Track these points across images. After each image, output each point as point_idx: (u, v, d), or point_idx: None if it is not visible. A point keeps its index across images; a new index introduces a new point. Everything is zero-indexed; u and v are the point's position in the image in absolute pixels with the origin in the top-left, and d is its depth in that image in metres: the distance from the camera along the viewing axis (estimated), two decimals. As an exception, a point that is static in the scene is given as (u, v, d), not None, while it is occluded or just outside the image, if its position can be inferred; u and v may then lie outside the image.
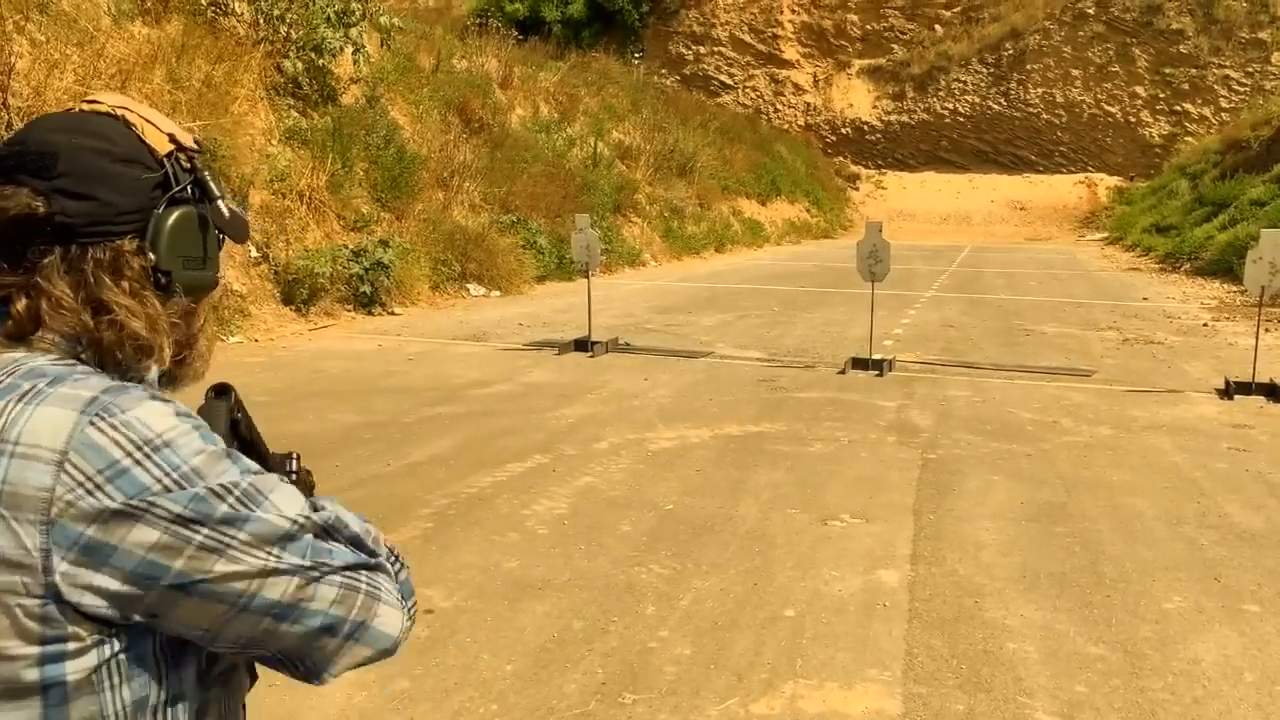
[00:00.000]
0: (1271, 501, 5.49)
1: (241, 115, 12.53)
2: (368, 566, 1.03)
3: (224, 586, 0.94)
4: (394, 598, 1.05)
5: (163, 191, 1.05)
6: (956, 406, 7.86)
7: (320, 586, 0.98)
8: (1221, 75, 39.21)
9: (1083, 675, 3.47)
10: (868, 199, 42.53)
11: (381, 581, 1.04)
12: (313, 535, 0.99)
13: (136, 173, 1.03)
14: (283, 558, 0.96)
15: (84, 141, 1.02)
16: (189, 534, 0.92)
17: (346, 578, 1.01)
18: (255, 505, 0.95)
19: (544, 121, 22.61)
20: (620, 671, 3.46)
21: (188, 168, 1.08)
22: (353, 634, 1.02)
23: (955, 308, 14.74)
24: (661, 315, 13.34)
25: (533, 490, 5.55)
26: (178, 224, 1.05)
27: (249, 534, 0.94)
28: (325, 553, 1.00)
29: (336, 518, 1.03)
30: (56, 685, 0.92)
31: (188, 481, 0.93)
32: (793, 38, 44.81)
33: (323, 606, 0.99)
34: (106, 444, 0.92)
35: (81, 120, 1.05)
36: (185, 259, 1.06)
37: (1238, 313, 13.84)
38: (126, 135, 1.05)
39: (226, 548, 0.93)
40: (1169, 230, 25.62)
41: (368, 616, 1.02)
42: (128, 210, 1.02)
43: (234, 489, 0.95)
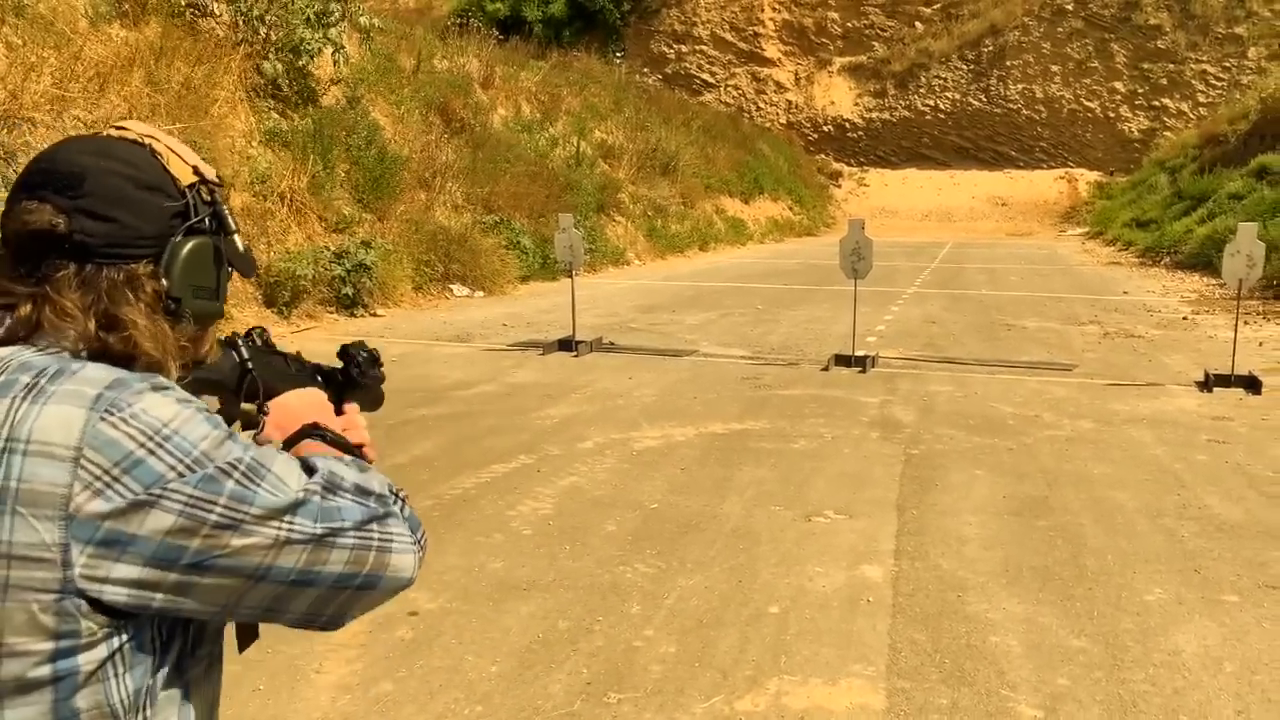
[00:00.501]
0: (1250, 493, 5.54)
1: (221, 117, 12.48)
2: (377, 517, 1.06)
3: (241, 560, 0.97)
4: (405, 540, 1.08)
5: (182, 221, 1.09)
6: (939, 402, 7.90)
7: (334, 550, 1.02)
8: (1199, 70, 39.50)
9: (1065, 668, 3.49)
10: (850, 196, 42.66)
11: (392, 528, 1.07)
12: (319, 497, 1.02)
13: (158, 200, 1.07)
14: (294, 525, 0.99)
15: (111, 165, 1.05)
16: (203, 514, 0.95)
17: (358, 537, 1.03)
18: (260, 479, 0.99)
19: (526, 121, 22.59)
20: (605, 671, 3.47)
21: (208, 200, 1.12)
22: (368, 585, 1.05)
23: (937, 304, 14.80)
24: (646, 314, 13.35)
25: (517, 491, 5.55)
26: (193, 254, 1.09)
27: (260, 506, 0.98)
28: (334, 513, 1.02)
29: (330, 472, 1.05)
30: (68, 677, 0.94)
31: (199, 465, 0.96)
32: (774, 36, 44.89)
33: (337, 568, 1.02)
34: (120, 437, 0.94)
35: (110, 145, 1.09)
36: (196, 288, 1.10)
37: (1217, 306, 13.95)
38: (152, 164, 1.09)
39: (240, 522, 0.97)
40: (1149, 225, 25.80)
41: (381, 568, 1.06)
42: (146, 236, 1.06)
43: (239, 465, 0.98)
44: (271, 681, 3.38)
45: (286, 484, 1.00)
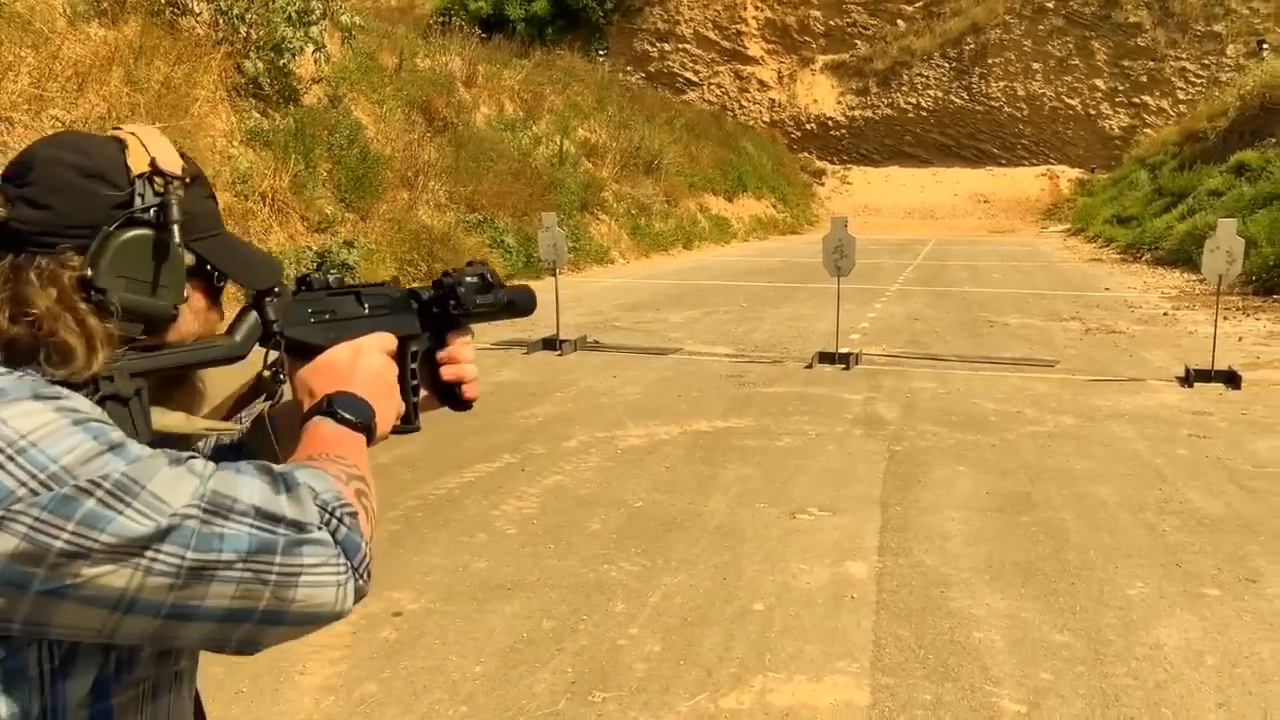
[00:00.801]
0: (1231, 487, 5.57)
1: (202, 117, 12.41)
2: (274, 547, 0.91)
3: (98, 590, 0.86)
4: (324, 571, 0.94)
5: (123, 210, 1.03)
6: (922, 398, 7.92)
7: (213, 584, 0.89)
8: (1179, 68, 39.77)
9: (1048, 663, 3.51)
10: (833, 194, 42.77)
11: (304, 558, 0.92)
12: (199, 522, 0.89)
13: (98, 188, 1.02)
14: (159, 555, 0.87)
15: (59, 154, 1.02)
16: (48, 539, 0.84)
17: (246, 569, 0.90)
18: (129, 499, 0.87)
19: (509, 120, 22.55)
20: (590, 670, 3.46)
21: (159, 192, 1.05)
22: (269, 620, 0.93)
23: (920, 301, 14.85)
24: (630, 313, 13.34)
25: (501, 490, 5.54)
26: (126, 244, 1.02)
27: (114, 534, 0.85)
28: (214, 541, 0.89)
29: (216, 493, 0.91)
30: None
31: (55, 482, 0.85)
32: (757, 34, 44.94)
33: (221, 602, 0.90)
34: None
35: (76, 138, 1.06)
36: (129, 280, 1.02)
37: (1198, 301, 14.04)
38: (110, 154, 1.04)
39: (90, 551, 0.85)
40: (1130, 221, 25.95)
41: (283, 605, 0.92)
42: (78, 224, 1.00)
43: (103, 483, 0.86)
44: (254, 684, 3.36)
45: (163, 503, 0.88)
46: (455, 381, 1.32)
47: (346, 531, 0.97)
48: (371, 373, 1.16)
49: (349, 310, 1.20)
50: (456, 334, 1.33)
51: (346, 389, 1.13)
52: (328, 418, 1.10)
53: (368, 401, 1.13)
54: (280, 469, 0.97)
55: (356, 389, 1.13)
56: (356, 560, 0.97)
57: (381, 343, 1.20)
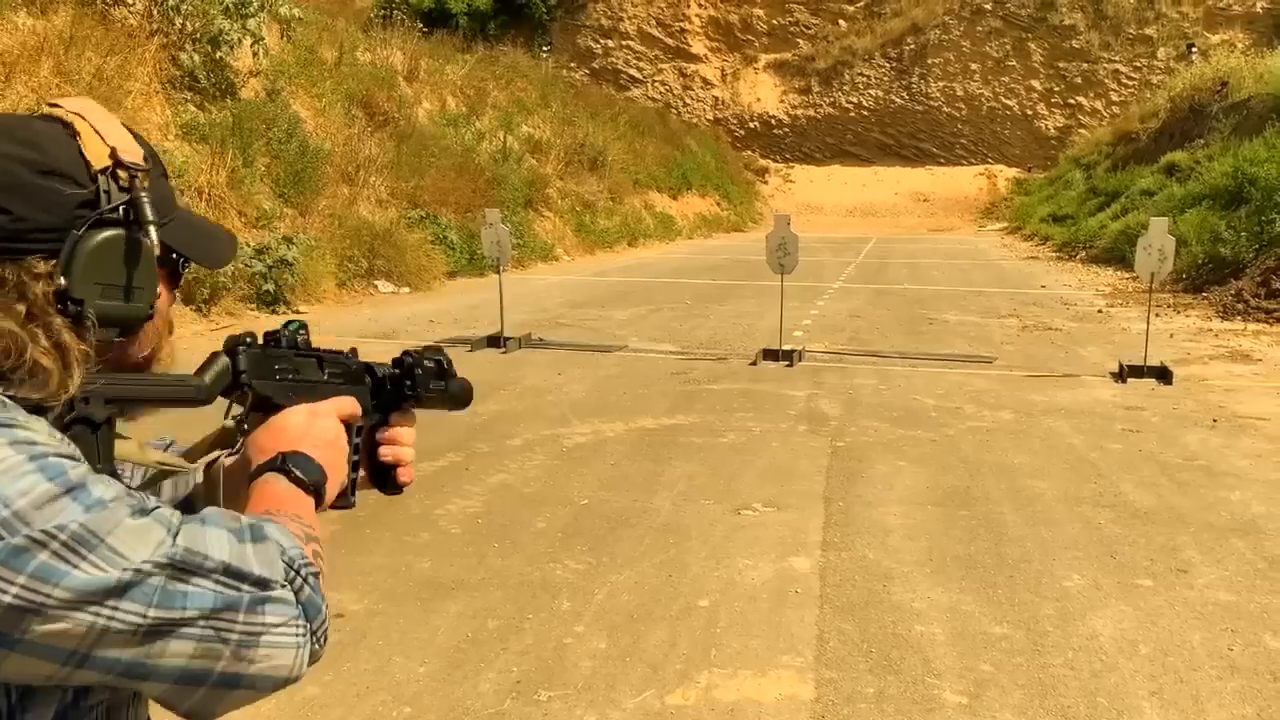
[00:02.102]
0: (1163, 480, 5.71)
1: (136, 110, 12.13)
2: (240, 605, 0.86)
3: (49, 646, 0.80)
4: (285, 631, 0.89)
5: (90, 210, 0.95)
6: (864, 395, 8.01)
7: (171, 641, 0.84)
8: (1112, 70, 40.71)
9: (988, 654, 3.57)
10: (777, 192, 43.11)
11: (267, 617, 0.88)
12: (164, 578, 0.84)
13: (59, 187, 0.93)
14: (116, 613, 0.81)
15: (8, 149, 0.92)
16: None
17: (207, 627, 0.85)
18: (86, 551, 0.80)
19: (452, 115, 22.38)
20: (535, 668, 3.45)
21: (125, 187, 0.97)
22: (226, 683, 0.88)
23: (862, 298, 15.01)
24: (575, 310, 13.31)
25: (445, 489, 5.49)
26: (99, 248, 0.95)
27: (68, 589, 0.79)
28: (178, 599, 0.84)
29: (186, 549, 0.85)
30: None
31: (7, 529, 0.79)
32: (700, 32, 45.12)
33: (178, 662, 0.85)
34: None
35: (19, 126, 0.96)
36: (104, 286, 0.95)
37: (1131, 299, 14.38)
38: (63, 145, 0.95)
39: (43, 607, 0.79)
40: (1065, 220, 26.53)
41: (241, 666, 0.87)
42: (43, 228, 0.92)
43: (59, 534, 0.80)
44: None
45: (122, 557, 0.82)
46: (393, 464, 1.28)
47: (310, 592, 0.93)
48: (325, 439, 1.12)
49: (310, 374, 1.17)
50: (401, 416, 1.30)
51: (300, 449, 1.08)
52: (281, 475, 1.05)
53: (320, 465, 1.08)
54: (249, 520, 0.93)
55: (310, 451, 1.09)
56: (316, 624, 0.93)
57: (339, 408, 1.16)
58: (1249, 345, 10.36)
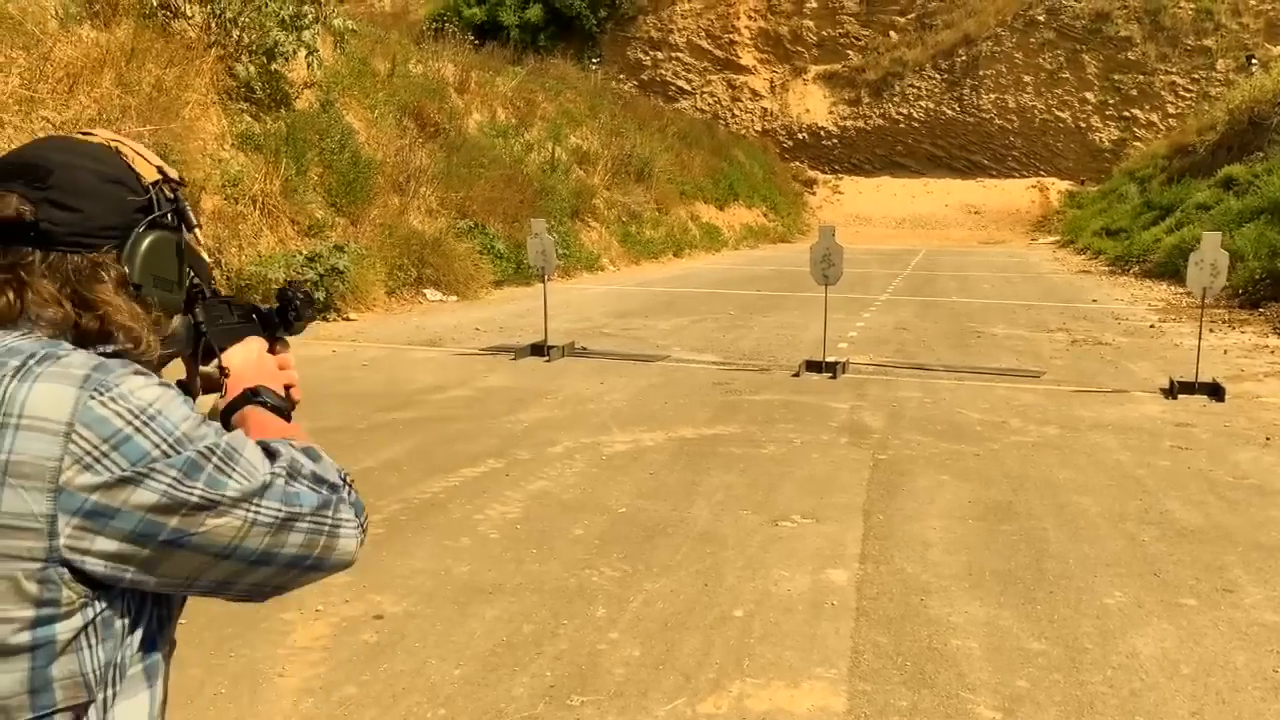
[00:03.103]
0: (1211, 498, 5.61)
1: (193, 120, 12.41)
2: (329, 505, 1.12)
3: (212, 539, 1.03)
4: (351, 525, 1.15)
5: (144, 214, 1.15)
6: (908, 408, 7.96)
7: (292, 533, 1.08)
8: (1168, 81, 40.01)
9: (1024, 670, 3.53)
10: (825, 204, 42.90)
11: (342, 513, 1.14)
12: (284, 480, 1.09)
13: (122, 193, 1.13)
14: (261, 509, 1.06)
15: (77, 160, 1.12)
16: (185, 494, 1.01)
17: (313, 521, 1.10)
18: (235, 463, 1.05)
19: (501, 126, 22.58)
20: (569, 674, 3.47)
21: (171, 197, 1.19)
22: (315, 566, 1.13)
23: (909, 310, 14.90)
24: (618, 320, 13.36)
25: (486, 495, 5.55)
26: (154, 245, 1.15)
27: (235, 490, 1.04)
28: (295, 498, 1.09)
29: (293, 459, 1.12)
30: (46, 645, 0.98)
31: (180, 446, 1.02)
32: (749, 44, 45.10)
33: (293, 550, 1.09)
34: (109, 415, 0.99)
35: (77, 143, 1.15)
36: (156, 278, 1.15)
37: (1184, 314, 14.12)
38: (117, 160, 1.15)
39: (217, 503, 1.02)
40: (1118, 233, 26.10)
41: (327, 552, 1.12)
42: (109, 225, 1.11)
43: (216, 449, 1.04)
44: (233, 685, 3.37)
45: (256, 467, 1.06)
46: (288, 385, 1.43)
47: (356, 495, 1.19)
48: (268, 371, 1.37)
49: (228, 318, 1.38)
50: (282, 344, 1.48)
51: (259, 383, 1.32)
52: (259, 406, 1.29)
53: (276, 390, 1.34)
54: (301, 445, 1.17)
55: (263, 382, 1.33)
56: (364, 519, 1.18)
57: (261, 345, 1.41)
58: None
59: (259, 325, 1.44)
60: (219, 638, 3.67)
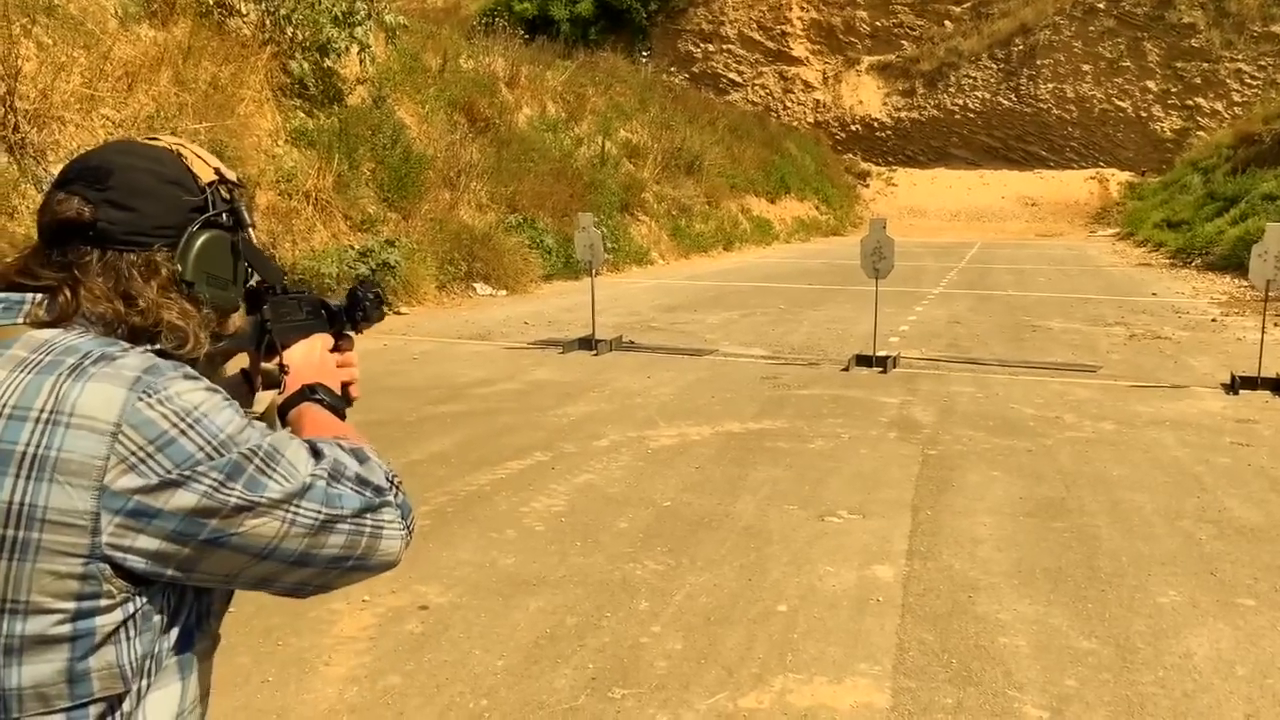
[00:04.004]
0: (1272, 496, 5.46)
1: (248, 116, 12.61)
2: (372, 507, 1.14)
3: (251, 540, 1.06)
4: (395, 527, 1.17)
5: (200, 214, 1.18)
6: (959, 403, 7.85)
7: (332, 534, 1.10)
8: (1234, 69, 38.98)
9: (1073, 669, 3.47)
10: (878, 196, 42.45)
11: (385, 516, 1.16)
12: (325, 483, 1.11)
13: (177, 193, 1.17)
14: (301, 510, 1.08)
15: (135, 161, 1.16)
16: (225, 496, 1.03)
17: (354, 524, 1.12)
18: (276, 465, 1.07)
19: (551, 121, 22.64)
20: (611, 666, 3.48)
21: (227, 198, 1.22)
22: (358, 567, 1.15)
23: (963, 304, 14.70)
24: (667, 314, 13.35)
25: (532, 488, 5.57)
26: (207, 244, 1.18)
27: (274, 492, 1.06)
28: (337, 499, 1.11)
29: (336, 461, 1.14)
30: (85, 637, 1.01)
31: (225, 449, 1.04)
32: (802, 35, 44.74)
33: (333, 551, 1.11)
34: (156, 417, 1.02)
35: (139, 146, 1.20)
36: (210, 276, 1.18)
37: (1247, 307, 13.76)
38: (176, 162, 1.19)
39: (256, 505, 1.05)
40: (1180, 225, 25.49)
41: (369, 553, 1.15)
42: (164, 225, 1.15)
43: (258, 451, 1.06)
44: (280, 673, 3.42)
45: (297, 469, 1.08)
46: (346, 382, 1.45)
47: (403, 497, 1.21)
48: (328, 369, 1.39)
49: (297, 314, 1.41)
50: (346, 340, 1.50)
51: (316, 380, 1.35)
52: (315, 404, 1.31)
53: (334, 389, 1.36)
54: (349, 445, 1.19)
55: (322, 379, 1.36)
56: (409, 520, 1.20)
57: (326, 342, 1.43)
58: (1375, 357, 9.81)
59: (326, 321, 1.46)
60: (267, 626, 3.72)
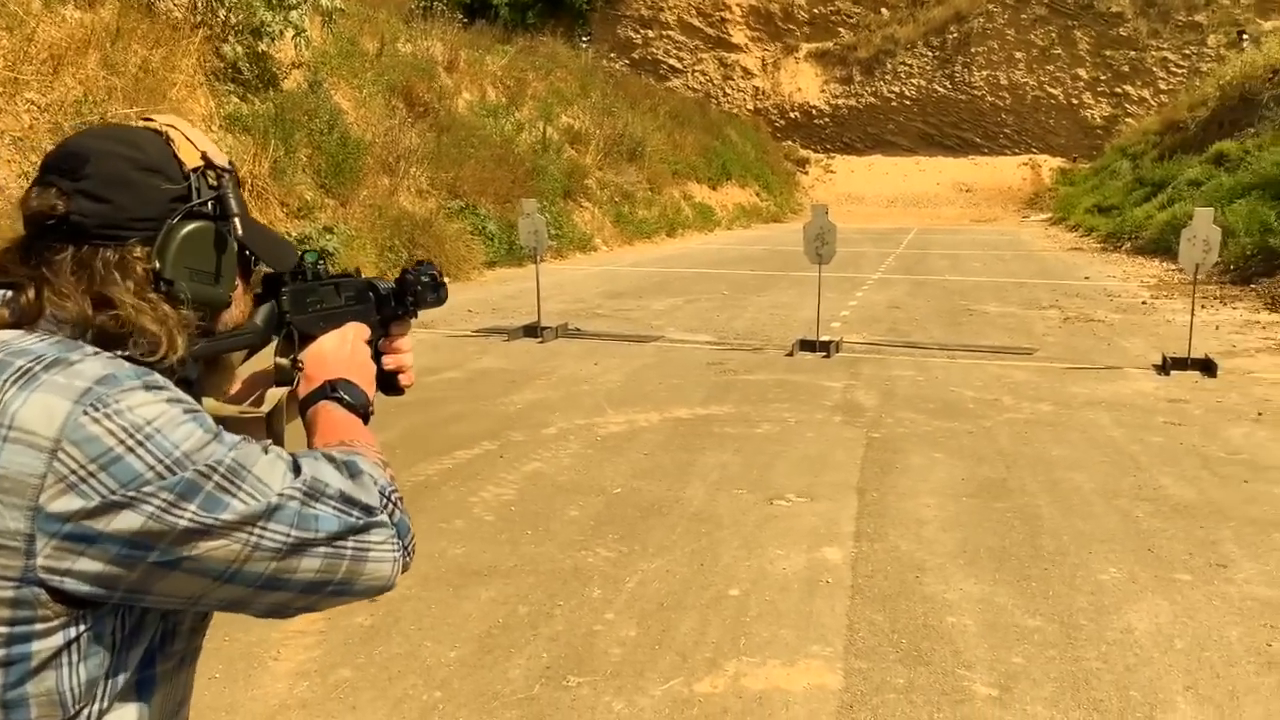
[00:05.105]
0: (1204, 474, 5.63)
1: (180, 101, 12.29)
2: (356, 529, 1.04)
3: (208, 563, 0.96)
4: (386, 548, 1.07)
5: (182, 204, 1.09)
6: (900, 386, 7.96)
7: (305, 558, 1.01)
8: (1160, 57, 39.94)
9: (1020, 647, 3.54)
10: (817, 183, 42.81)
11: (373, 537, 1.06)
12: (299, 503, 1.00)
13: (157, 182, 1.07)
14: (266, 533, 0.98)
15: (114, 148, 1.07)
16: (174, 518, 0.94)
17: (332, 547, 1.02)
18: (240, 482, 0.97)
19: (492, 106, 22.45)
20: (565, 655, 3.47)
21: (213, 185, 1.12)
22: (340, 591, 1.05)
23: (901, 289, 14.89)
24: (612, 300, 13.33)
25: (480, 477, 5.54)
26: (189, 236, 1.08)
27: (234, 512, 0.96)
28: (311, 522, 1.01)
29: (314, 478, 1.03)
30: (20, 663, 0.93)
31: (179, 467, 0.95)
32: (741, 21, 44.87)
33: (308, 575, 1.02)
34: (100, 433, 0.92)
35: (121, 130, 1.11)
36: (193, 271, 1.09)
37: (1176, 290, 14.14)
38: (160, 147, 1.10)
39: (212, 528, 0.95)
40: (1110, 210, 26.07)
41: (353, 576, 1.05)
42: (142, 217, 1.06)
43: (219, 467, 0.96)
44: (229, 669, 3.36)
45: (267, 486, 0.99)
46: (395, 370, 1.39)
47: (400, 514, 1.10)
48: (359, 362, 1.29)
49: (332, 301, 1.30)
50: (399, 325, 1.41)
51: (342, 375, 1.24)
52: (334, 403, 1.22)
53: (361, 387, 1.25)
54: (341, 457, 1.08)
55: (349, 375, 1.25)
56: (407, 540, 1.10)
57: (360, 333, 1.32)
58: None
59: (371, 307, 1.35)
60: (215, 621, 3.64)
